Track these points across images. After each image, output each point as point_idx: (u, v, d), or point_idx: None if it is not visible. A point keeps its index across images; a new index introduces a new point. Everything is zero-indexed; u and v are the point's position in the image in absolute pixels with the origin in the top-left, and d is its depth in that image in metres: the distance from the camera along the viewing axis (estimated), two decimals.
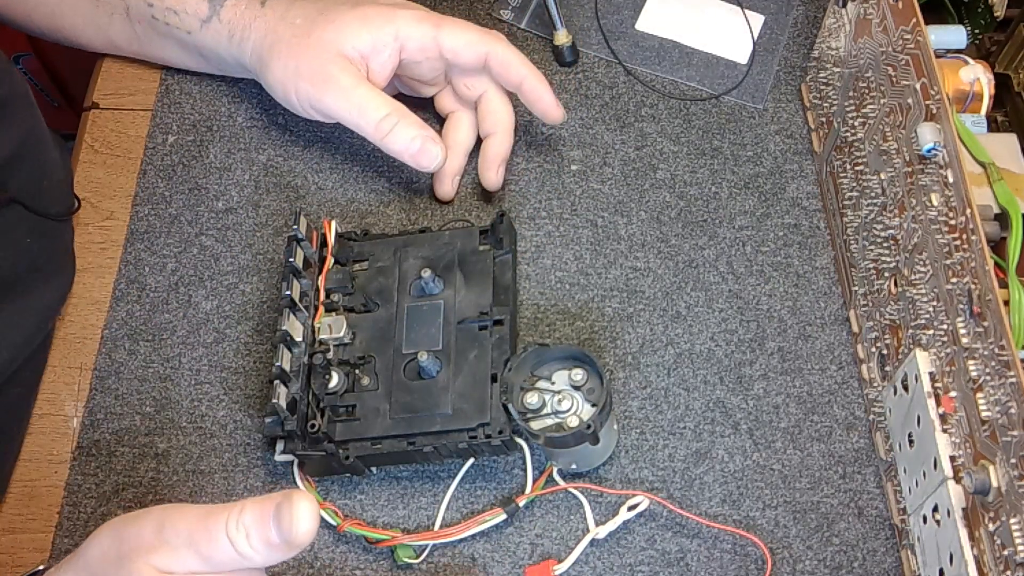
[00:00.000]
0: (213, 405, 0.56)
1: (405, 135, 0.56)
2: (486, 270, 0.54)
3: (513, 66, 0.57)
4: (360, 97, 0.56)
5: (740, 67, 0.65)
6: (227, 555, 0.40)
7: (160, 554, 0.40)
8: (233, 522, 0.40)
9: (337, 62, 0.56)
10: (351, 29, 0.57)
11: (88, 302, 0.59)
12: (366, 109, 0.56)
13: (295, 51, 0.57)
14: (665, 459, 0.54)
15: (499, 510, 0.51)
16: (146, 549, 0.40)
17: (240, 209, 0.61)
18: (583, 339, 0.57)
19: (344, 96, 0.56)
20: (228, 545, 0.40)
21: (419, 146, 0.56)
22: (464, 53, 0.57)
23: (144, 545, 0.40)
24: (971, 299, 0.42)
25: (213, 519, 0.40)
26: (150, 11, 0.61)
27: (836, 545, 0.52)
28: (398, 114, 0.56)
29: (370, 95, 0.56)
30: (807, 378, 0.55)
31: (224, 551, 0.40)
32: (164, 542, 0.40)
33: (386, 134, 0.56)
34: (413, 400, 0.51)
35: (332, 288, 0.55)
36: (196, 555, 0.40)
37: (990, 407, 0.41)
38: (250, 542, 0.40)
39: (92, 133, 0.64)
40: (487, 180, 0.60)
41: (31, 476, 0.55)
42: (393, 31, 0.57)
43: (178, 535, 0.40)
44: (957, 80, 0.51)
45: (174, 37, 0.61)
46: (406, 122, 0.56)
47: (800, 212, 0.60)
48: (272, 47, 0.58)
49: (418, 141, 0.56)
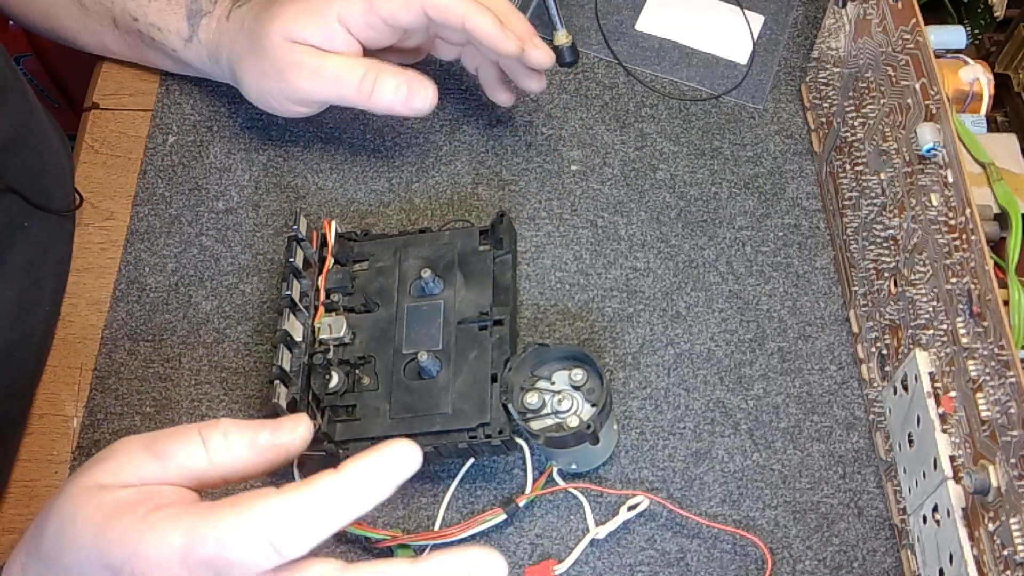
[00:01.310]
0: (213, 405, 0.56)
1: (389, 86, 0.55)
2: (486, 270, 0.54)
3: (450, 8, 0.54)
4: (331, 68, 0.55)
5: (740, 67, 0.65)
6: (190, 452, 0.38)
7: (105, 463, 0.38)
8: (210, 424, 0.39)
9: (294, 49, 0.56)
10: (295, 18, 0.56)
11: (88, 302, 0.59)
12: (341, 76, 0.55)
13: (256, 55, 0.57)
14: (665, 459, 0.54)
15: (499, 510, 0.51)
16: (91, 463, 0.39)
17: (240, 209, 0.61)
18: (583, 339, 0.57)
19: (314, 74, 0.56)
20: (196, 440, 0.38)
21: (406, 91, 0.55)
22: (400, 14, 0.55)
23: (90, 462, 0.39)
24: (971, 299, 0.42)
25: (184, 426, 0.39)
26: (135, 25, 0.61)
27: (836, 545, 0.52)
28: (375, 69, 0.55)
29: (339, 62, 0.55)
30: (807, 378, 0.55)
31: (188, 447, 0.38)
32: (111, 451, 0.39)
33: (370, 92, 0.55)
34: (413, 400, 0.51)
35: (332, 288, 0.55)
36: (150, 454, 0.38)
37: (990, 407, 0.41)
38: (227, 439, 0.38)
39: (92, 133, 0.64)
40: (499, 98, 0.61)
41: (31, 476, 0.55)
42: (334, 15, 0.55)
43: (133, 442, 0.39)
44: (957, 80, 0.51)
45: (161, 51, 0.62)
46: (385, 74, 0.55)
47: (800, 212, 0.60)
48: (240, 59, 0.58)
49: (403, 87, 0.55)
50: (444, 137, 0.63)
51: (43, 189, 0.57)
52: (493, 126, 0.63)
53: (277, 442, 0.40)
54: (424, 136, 0.63)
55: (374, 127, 0.64)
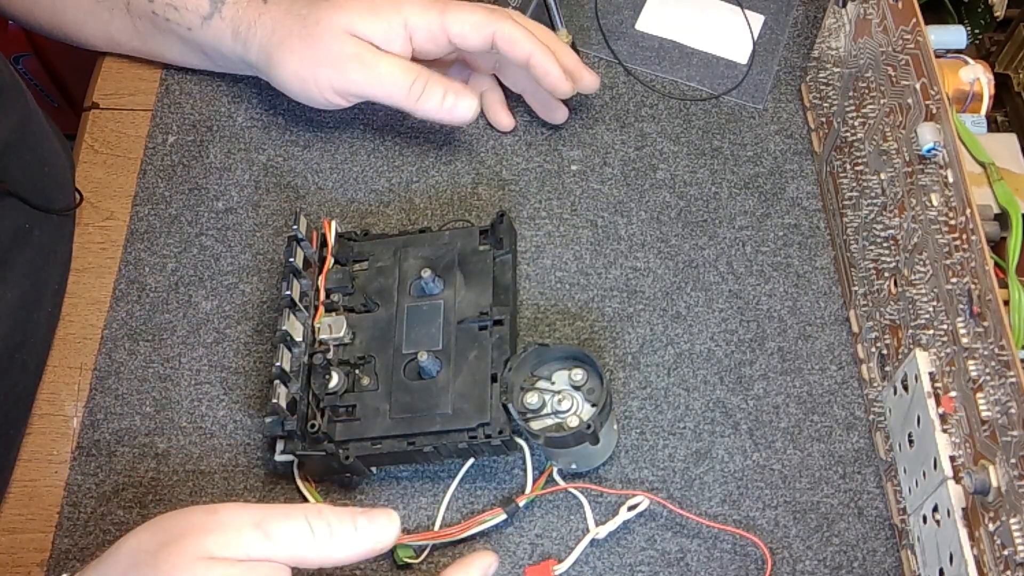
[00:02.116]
0: (213, 405, 0.56)
1: (437, 94, 0.57)
2: (486, 270, 0.54)
3: (519, 43, 0.57)
4: (385, 68, 0.57)
5: (740, 67, 0.65)
6: (298, 535, 0.40)
7: (215, 535, 0.40)
8: (314, 510, 0.41)
9: (353, 42, 0.57)
10: (360, 15, 0.57)
11: (88, 302, 0.59)
12: (395, 77, 0.57)
13: (308, 40, 0.57)
14: (665, 459, 0.54)
15: (499, 510, 0.51)
16: (197, 531, 0.40)
17: (240, 209, 0.61)
18: (583, 339, 0.57)
19: (368, 70, 0.57)
20: (304, 524, 0.41)
21: (453, 101, 0.57)
22: (471, 37, 0.57)
23: (195, 528, 0.40)
24: (971, 299, 0.42)
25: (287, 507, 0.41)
26: (150, 6, 0.61)
27: (836, 545, 0.52)
28: (424, 76, 0.57)
29: (394, 63, 0.57)
30: (807, 378, 0.55)
31: (296, 529, 0.40)
32: (220, 523, 0.40)
33: (418, 98, 0.57)
34: (413, 400, 0.51)
35: (332, 288, 0.55)
36: (262, 533, 0.40)
37: (990, 407, 0.41)
38: (331, 528, 0.41)
39: (92, 133, 0.64)
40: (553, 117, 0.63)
41: (31, 476, 0.55)
42: (402, 20, 0.57)
43: (240, 517, 0.40)
44: (957, 80, 0.51)
45: (175, 33, 0.61)
46: (434, 81, 0.57)
47: (800, 212, 0.60)
48: (282, 42, 0.58)
49: (451, 96, 0.57)
50: (444, 137, 0.63)
51: (44, 192, 0.57)
52: (493, 126, 0.63)
53: (374, 529, 0.43)
54: (424, 136, 0.63)
55: (374, 127, 0.63)
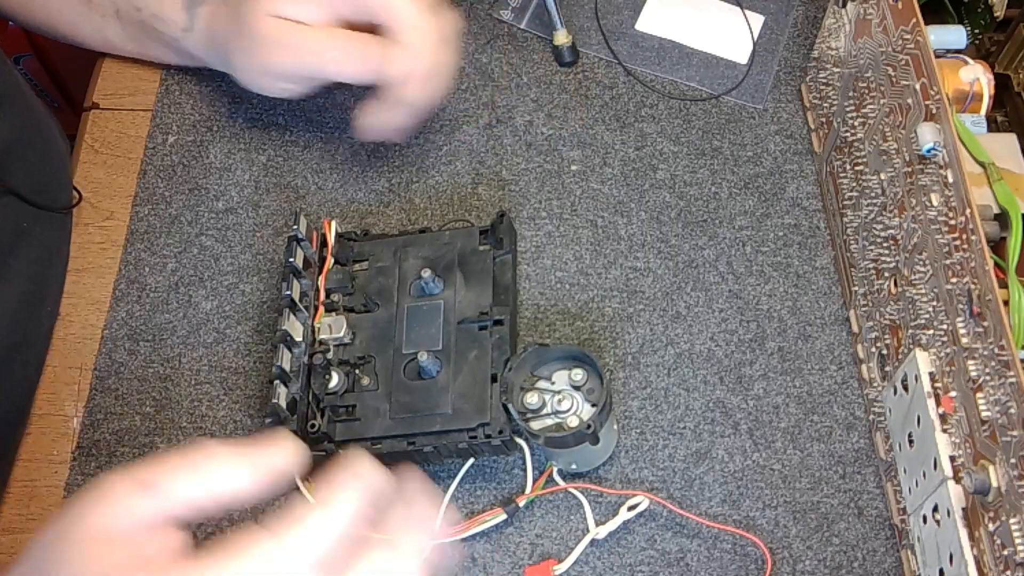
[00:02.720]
0: (213, 405, 0.56)
1: (356, 53, 0.54)
2: (486, 270, 0.54)
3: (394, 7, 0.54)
4: (299, 39, 0.54)
5: (740, 67, 0.65)
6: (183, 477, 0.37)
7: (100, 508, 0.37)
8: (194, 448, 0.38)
9: (275, 23, 0.55)
10: None
11: (88, 302, 0.59)
12: (308, 46, 0.54)
13: (242, 33, 0.56)
14: (665, 459, 0.54)
15: (499, 510, 0.51)
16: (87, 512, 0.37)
17: (240, 209, 0.61)
18: (583, 339, 0.57)
19: (285, 46, 0.55)
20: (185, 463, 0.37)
21: (377, 60, 0.54)
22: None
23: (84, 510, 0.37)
24: (971, 299, 0.42)
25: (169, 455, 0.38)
26: (138, 15, 0.61)
27: (836, 545, 0.52)
28: (342, 38, 0.54)
29: (310, 33, 0.54)
30: (807, 378, 0.55)
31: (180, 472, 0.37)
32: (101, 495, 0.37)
33: (337, 61, 0.54)
34: (413, 400, 0.51)
35: (332, 288, 0.55)
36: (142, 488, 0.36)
37: (990, 407, 0.41)
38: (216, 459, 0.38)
39: (92, 133, 0.64)
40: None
41: (31, 476, 0.55)
42: None
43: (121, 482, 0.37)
44: (957, 80, 0.51)
45: (163, 41, 0.62)
46: (357, 41, 0.54)
47: (800, 212, 0.60)
48: (227, 40, 0.58)
49: (374, 47, 0.54)
50: (444, 137, 0.63)
51: (45, 191, 0.57)
52: (493, 126, 0.63)
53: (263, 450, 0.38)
54: (424, 136, 0.63)
55: None
